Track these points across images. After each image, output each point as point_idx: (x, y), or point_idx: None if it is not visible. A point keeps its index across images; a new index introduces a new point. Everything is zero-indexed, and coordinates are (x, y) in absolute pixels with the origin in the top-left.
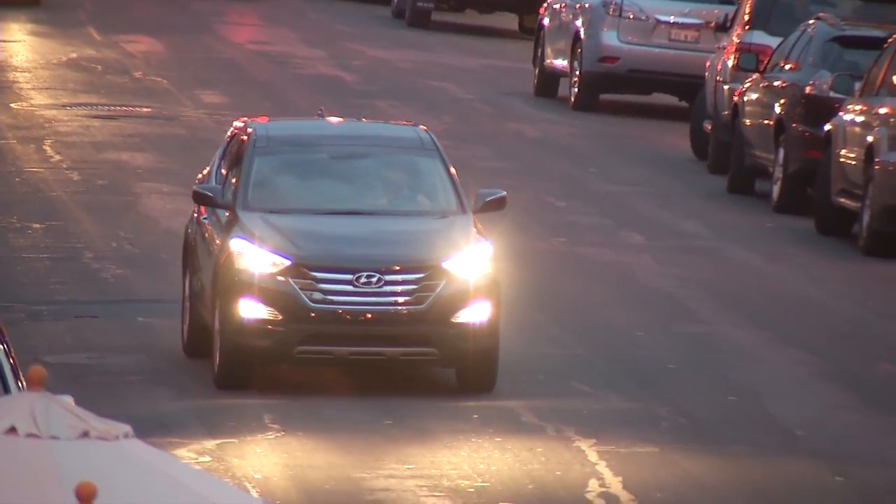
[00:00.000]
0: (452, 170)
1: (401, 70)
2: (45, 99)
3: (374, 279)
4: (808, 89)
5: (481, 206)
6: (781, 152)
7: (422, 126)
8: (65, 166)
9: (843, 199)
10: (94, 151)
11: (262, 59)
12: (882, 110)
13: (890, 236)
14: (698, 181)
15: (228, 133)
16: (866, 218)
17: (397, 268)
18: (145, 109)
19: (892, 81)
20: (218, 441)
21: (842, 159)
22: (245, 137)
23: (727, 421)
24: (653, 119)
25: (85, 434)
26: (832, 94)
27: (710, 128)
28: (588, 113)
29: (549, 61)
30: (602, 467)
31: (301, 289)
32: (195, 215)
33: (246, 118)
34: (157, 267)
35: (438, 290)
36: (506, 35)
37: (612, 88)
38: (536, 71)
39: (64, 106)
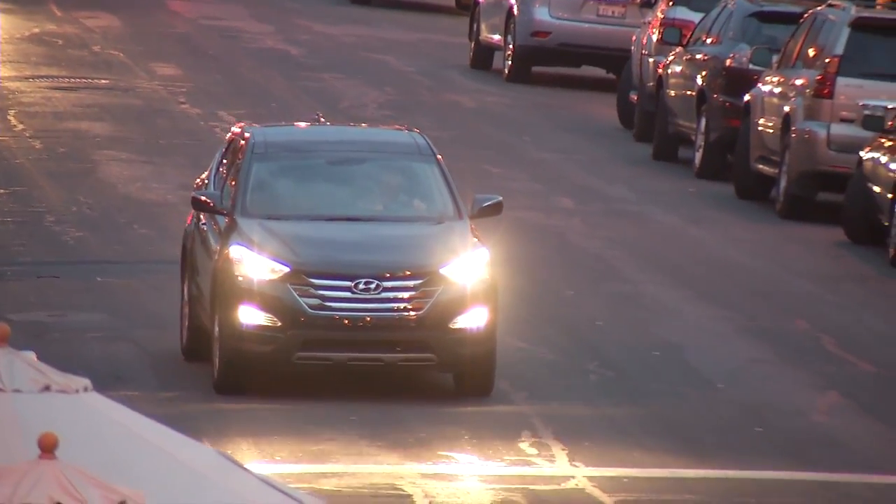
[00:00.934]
0: (449, 175)
1: (345, 44)
2: (9, 72)
3: (373, 285)
4: (728, 62)
5: (478, 211)
6: (703, 121)
7: (416, 130)
8: (27, 135)
9: (761, 166)
10: (56, 121)
11: (214, 34)
12: (798, 81)
13: (805, 200)
14: (625, 149)
15: (226, 138)
16: (783, 183)
17: (395, 274)
18: (103, 81)
19: (807, 54)
20: (171, 394)
21: (760, 128)
22: (243, 143)
23: (652, 374)
24: (582, 90)
25: (46, 388)
26: (751, 66)
27: (635, 98)
28: (521, 84)
29: (484, 36)
30: (534, 419)
31: (300, 295)
32: (193, 220)
33: (243, 123)
34: (114, 230)
35: (436, 295)
36: (443, 11)
37: (544, 61)
38: (472, 45)
39: (27, 78)
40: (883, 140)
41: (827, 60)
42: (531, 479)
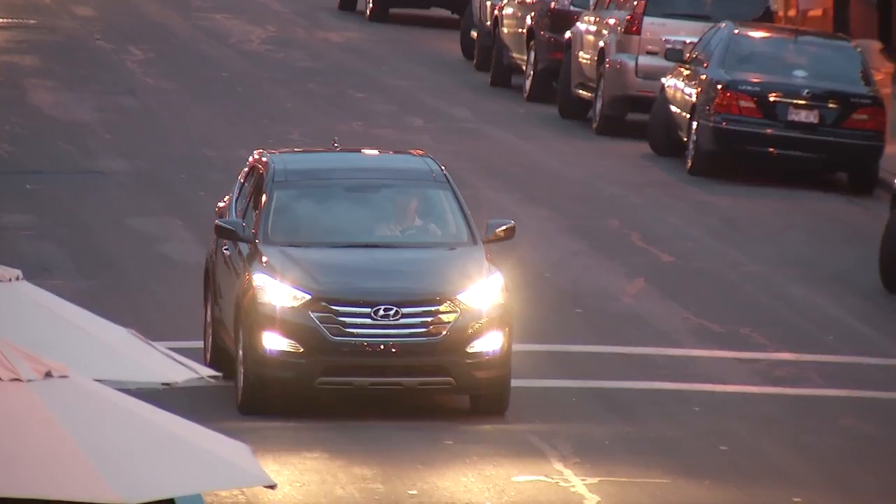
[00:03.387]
0: (463, 200)
1: None
2: None
3: (392, 312)
4: (552, 4)
5: (492, 236)
6: (532, 54)
7: (430, 156)
8: None
9: (580, 91)
10: None
11: None
12: (611, 20)
13: (617, 119)
14: (467, 77)
15: (246, 165)
16: (598, 105)
17: (414, 301)
18: (31, 22)
19: None
20: (91, 281)
21: (579, 59)
22: (262, 169)
23: None
24: (431, 28)
25: None
26: (572, 7)
27: (476, 35)
28: (380, 24)
29: None
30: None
31: (321, 322)
32: (215, 244)
33: (262, 150)
34: (41, 146)
35: (454, 321)
36: None
37: (400, 4)
38: None
39: None
40: (682, 69)
41: (636, 3)
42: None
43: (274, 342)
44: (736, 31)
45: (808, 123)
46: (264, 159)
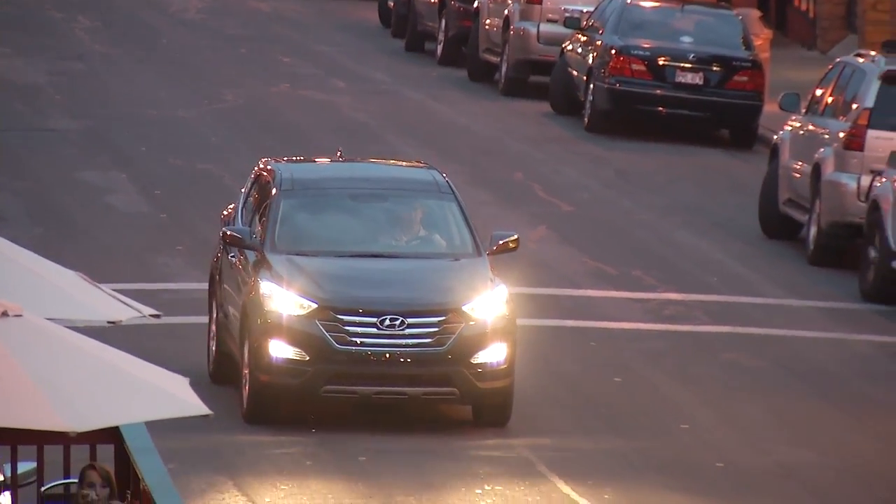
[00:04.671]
0: (468, 212)
1: None
2: None
3: (398, 322)
4: None
5: (496, 247)
6: (443, 22)
7: (435, 168)
8: None
9: (487, 56)
10: None
11: None
12: None
13: (521, 81)
14: (384, 43)
15: (252, 174)
16: (504, 68)
17: (420, 311)
18: None
19: None
20: (43, 229)
21: (486, 27)
22: (268, 177)
23: None
24: None
25: None
26: None
27: (392, 5)
28: None
29: None
30: None
31: (327, 331)
32: (220, 250)
33: (267, 159)
34: None
35: (459, 332)
36: None
37: None
38: None
39: None
40: (579, 36)
41: None
42: None
43: (280, 350)
44: (629, 2)
45: (694, 85)
46: (269, 168)
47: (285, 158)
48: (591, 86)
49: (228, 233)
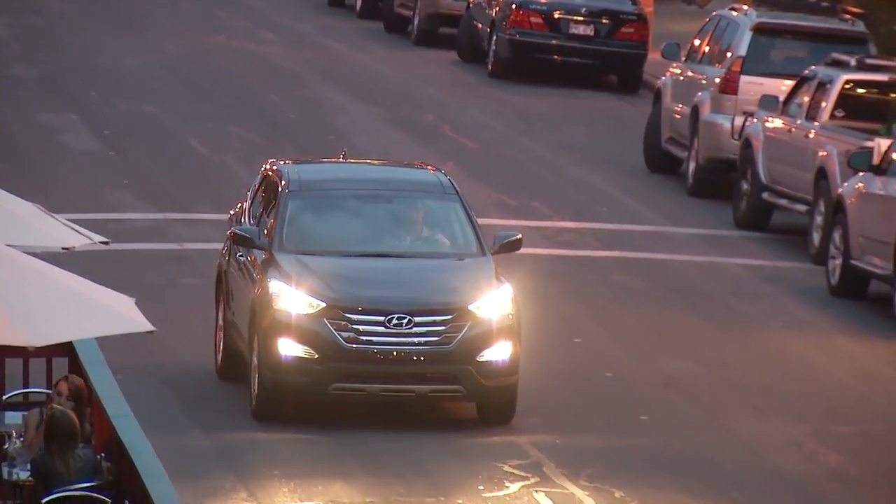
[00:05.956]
0: (472, 213)
1: None
2: None
3: (405, 321)
4: None
5: (499, 247)
6: None
7: (441, 169)
8: None
9: (401, 10)
10: None
11: None
12: None
13: (431, 33)
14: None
15: (259, 174)
16: (416, 21)
17: (427, 310)
18: None
19: None
20: (3, 165)
21: None
22: (275, 177)
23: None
24: None
25: None
26: None
27: None
28: None
29: None
30: None
31: (336, 329)
32: (228, 249)
33: (273, 160)
34: None
35: (465, 331)
36: None
37: None
38: None
39: None
40: None
41: None
42: None
43: (289, 348)
44: None
45: (586, 35)
46: (276, 168)
47: (291, 160)
48: (494, 37)
49: (237, 233)
